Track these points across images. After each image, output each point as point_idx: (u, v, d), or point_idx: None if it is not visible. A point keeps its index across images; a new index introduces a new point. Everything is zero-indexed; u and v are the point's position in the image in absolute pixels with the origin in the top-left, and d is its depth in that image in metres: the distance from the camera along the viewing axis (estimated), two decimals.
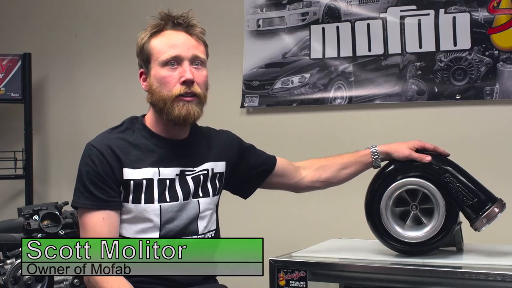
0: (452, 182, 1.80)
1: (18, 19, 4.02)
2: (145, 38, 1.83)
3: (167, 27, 1.83)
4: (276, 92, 3.26)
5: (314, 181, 2.07)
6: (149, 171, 1.79)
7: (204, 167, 1.88)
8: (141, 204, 1.77)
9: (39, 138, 3.89)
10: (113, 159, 1.76)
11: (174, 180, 1.82)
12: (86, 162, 1.77)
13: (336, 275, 1.84)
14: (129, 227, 1.78)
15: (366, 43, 3.07)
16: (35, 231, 2.17)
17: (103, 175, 1.75)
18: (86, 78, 3.82)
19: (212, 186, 1.90)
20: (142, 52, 1.83)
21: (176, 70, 1.79)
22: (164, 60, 1.78)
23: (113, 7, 3.69)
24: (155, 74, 1.80)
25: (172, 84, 1.78)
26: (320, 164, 2.08)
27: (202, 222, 1.85)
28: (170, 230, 1.79)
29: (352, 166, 2.04)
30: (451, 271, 1.69)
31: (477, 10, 2.84)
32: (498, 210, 1.78)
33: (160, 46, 1.80)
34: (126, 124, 1.88)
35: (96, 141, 1.80)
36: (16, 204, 3.67)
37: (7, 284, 1.99)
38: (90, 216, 1.75)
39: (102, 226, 1.74)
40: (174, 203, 1.81)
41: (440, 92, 2.92)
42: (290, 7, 3.23)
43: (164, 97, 1.78)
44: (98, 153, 1.76)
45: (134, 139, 1.82)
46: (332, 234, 2.39)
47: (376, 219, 1.86)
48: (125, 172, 1.77)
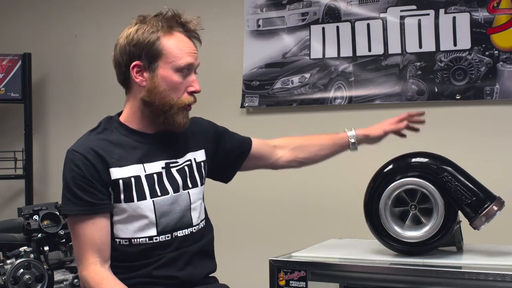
0: (450, 181, 1.80)
1: (18, 19, 4.02)
2: (154, 34, 1.76)
3: (176, 28, 1.79)
4: (276, 92, 3.26)
5: (291, 161, 2.11)
6: (135, 168, 1.78)
7: (187, 158, 1.87)
8: (134, 202, 1.76)
9: (39, 138, 3.89)
10: (98, 161, 1.74)
11: (161, 173, 1.81)
12: (71, 168, 1.75)
13: (336, 275, 1.83)
14: (125, 228, 1.77)
15: (366, 43, 3.07)
16: (35, 231, 2.17)
17: (89, 178, 1.73)
18: (86, 78, 3.82)
19: (199, 176, 1.89)
20: (147, 47, 1.76)
21: (185, 78, 1.79)
22: (181, 66, 1.77)
23: (113, 7, 3.69)
24: (166, 77, 1.76)
25: (181, 92, 1.78)
26: (297, 143, 2.12)
27: (195, 213, 1.85)
28: (166, 225, 1.79)
29: (329, 148, 2.11)
30: (451, 271, 1.68)
31: (477, 10, 2.84)
32: (497, 208, 1.78)
33: (177, 50, 1.77)
34: (103, 125, 1.85)
35: (78, 146, 1.78)
36: (16, 204, 3.67)
37: (7, 284, 1.99)
38: (80, 223, 1.74)
39: (92, 232, 1.73)
40: (165, 197, 1.80)
41: (440, 92, 2.92)
42: (290, 7, 3.23)
43: (171, 102, 1.77)
44: (81, 157, 1.74)
45: (114, 138, 1.80)
46: (332, 234, 2.39)
47: (375, 219, 1.86)
48: (112, 172, 1.75)
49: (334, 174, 3.13)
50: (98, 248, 1.73)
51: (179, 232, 1.81)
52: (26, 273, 2.03)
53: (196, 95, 1.83)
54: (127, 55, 1.79)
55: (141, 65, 1.78)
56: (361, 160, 3.01)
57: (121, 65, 1.81)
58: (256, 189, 3.27)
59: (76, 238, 1.76)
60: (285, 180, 3.23)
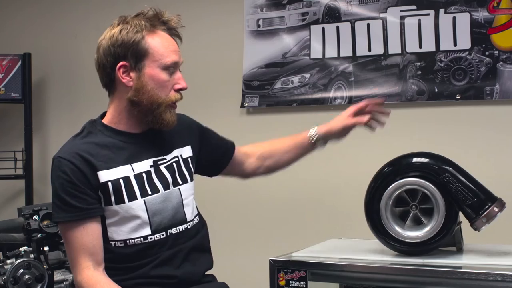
0: (451, 181, 1.80)
1: (18, 19, 4.02)
2: (138, 33, 1.77)
3: (159, 27, 1.80)
4: (276, 92, 3.26)
5: (257, 168, 2.11)
6: (123, 169, 1.77)
7: (174, 154, 1.87)
8: (125, 203, 1.76)
9: (39, 138, 3.89)
10: (85, 165, 1.73)
11: (150, 172, 1.81)
12: (58, 175, 1.74)
13: (336, 275, 1.84)
14: (119, 229, 1.77)
15: (366, 43, 3.07)
16: (35, 231, 2.17)
17: (77, 183, 1.72)
18: (86, 78, 3.81)
19: (188, 172, 1.90)
20: (132, 46, 1.76)
21: (171, 76, 1.79)
22: (168, 64, 1.77)
23: (113, 7, 3.69)
24: (154, 75, 1.77)
25: (168, 89, 1.79)
26: (262, 151, 2.11)
27: (188, 209, 1.86)
28: (159, 223, 1.79)
29: (291, 151, 2.09)
30: (451, 271, 1.69)
31: (477, 10, 2.84)
32: (497, 210, 1.78)
33: (162, 48, 1.78)
34: (87, 129, 1.84)
35: (63, 152, 1.77)
36: (16, 204, 3.67)
37: (7, 284, 1.99)
38: (71, 229, 1.73)
39: (83, 237, 1.73)
40: (156, 195, 1.80)
41: (440, 92, 2.92)
42: (290, 7, 3.23)
43: (159, 100, 1.77)
44: (68, 162, 1.73)
45: (99, 140, 1.80)
46: (332, 234, 2.39)
47: (376, 219, 1.86)
48: (100, 175, 1.74)
49: (335, 174, 3.13)
50: (90, 252, 1.73)
51: (173, 229, 1.81)
52: (26, 273, 2.03)
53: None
54: (112, 56, 1.79)
55: (127, 65, 1.78)
56: (362, 160, 3.02)
57: (105, 67, 1.82)
58: (256, 189, 3.26)
59: (68, 244, 1.76)
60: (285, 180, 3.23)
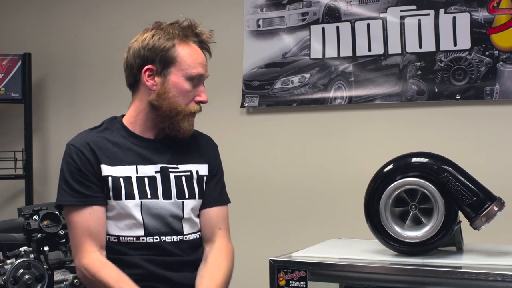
0: (451, 181, 1.80)
1: (18, 19, 4.02)
2: (169, 40, 1.81)
3: (191, 38, 1.85)
4: (276, 92, 3.26)
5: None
6: (127, 169, 1.81)
7: (188, 168, 1.89)
8: (122, 200, 1.79)
9: (39, 138, 3.89)
10: (91, 155, 1.79)
11: (154, 177, 1.83)
12: (67, 161, 1.81)
13: (336, 275, 1.83)
14: (114, 224, 1.80)
15: (366, 43, 3.07)
16: (35, 231, 2.17)
17: (84, 171, 1.78)
18: (86, 78, 3.82)
19: (199, 189, 1.90)
20: (162, 52, 1.81)
21: (195, 87, 1.84)
22: (193, 75, 1.82)
23: (113, 7, 3.69)
24: (178, 83, 1.81)
25: (189, 100, 1.84)
26: (205, 270, 1.85)
27: (187, 224, 1.86)
28: (153, 228, 1.81)
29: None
30: (451, 271, 1.68)
31: (477, 10, 2.84)
32: (497, 209, 1.78)
33: (190, 59, 1.83)
34: (106, 125, 1.91)
35: (75, 140, 1.84)
36: (16, 204, 3.67)
37: (7, 284, 1.99)
38: (76, 213, 1.78)
39: (89, 221, 1.76)
40: (155, 200, 1.82)
41: (440, 92, 2.92)
42: (290, 7, 3.23)
43: (179, 108, 1.82)
44: (77, 150, 1.80)
45: (113, 138, 1.85)
46: (332, 234, 2.39)
47: (375, 219, 1.86)
48: (103, 168, 1.80)
49: (335, 174, 3.13)
50: (95, 237, 1.76)
51: (167, 237, 1.82)
52: (26, 273, 2.02)
53: None
54: (141, 58, 1.84)
55: (154, 69, 1.83)
56: (361, 160, 3.02)
57: (132, 67, 1.86)
58: (255, 189, 3.27)
59: (72, 227, 1.79)
60: (285, 180, 3.23)
